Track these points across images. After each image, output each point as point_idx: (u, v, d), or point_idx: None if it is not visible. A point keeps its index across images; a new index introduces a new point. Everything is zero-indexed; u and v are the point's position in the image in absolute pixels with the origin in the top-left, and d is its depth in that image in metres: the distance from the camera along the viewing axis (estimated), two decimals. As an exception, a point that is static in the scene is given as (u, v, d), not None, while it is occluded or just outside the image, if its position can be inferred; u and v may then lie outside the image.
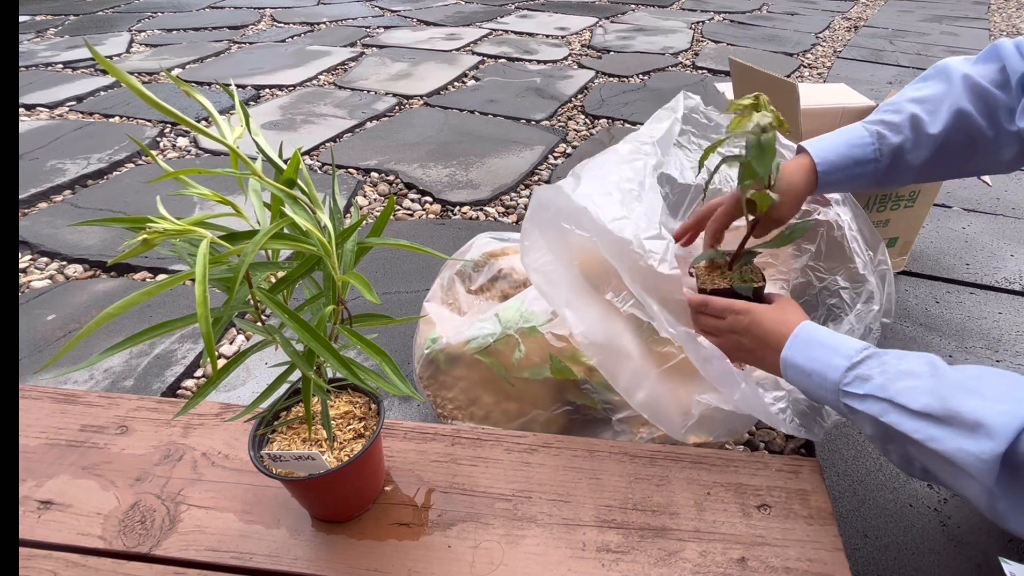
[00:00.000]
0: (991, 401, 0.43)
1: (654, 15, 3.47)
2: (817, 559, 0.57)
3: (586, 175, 0.73)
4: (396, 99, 2.12)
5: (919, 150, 0.65)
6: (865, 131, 0.67)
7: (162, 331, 0.46)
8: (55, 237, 1.30)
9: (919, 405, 0.46)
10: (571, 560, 0.57)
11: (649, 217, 0.68)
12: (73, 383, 0.94)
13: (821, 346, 0.56)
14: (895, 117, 0.66)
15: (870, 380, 0.51)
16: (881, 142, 0.66)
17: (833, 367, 0.53)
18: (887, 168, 0.66)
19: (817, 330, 0.58)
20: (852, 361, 0.53)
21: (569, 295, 0.69)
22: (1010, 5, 4.06)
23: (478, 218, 1.44)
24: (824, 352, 0.55)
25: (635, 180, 0.72)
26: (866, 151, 0.66)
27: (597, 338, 0.67)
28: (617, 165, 0.75)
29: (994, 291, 1.15)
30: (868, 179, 0.67)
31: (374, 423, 0.60)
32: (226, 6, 3.52)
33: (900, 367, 0.50)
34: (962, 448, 0.42)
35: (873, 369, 0.51)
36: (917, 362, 0.50)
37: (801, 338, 0.57)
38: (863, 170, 0.66)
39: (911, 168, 0.67)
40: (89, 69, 2.38)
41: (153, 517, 0.61)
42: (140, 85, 0.40)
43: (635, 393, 0.68)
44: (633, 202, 0.70)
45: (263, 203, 0.50)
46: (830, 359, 0.54)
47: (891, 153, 0.66)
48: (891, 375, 0.50)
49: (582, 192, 0.69)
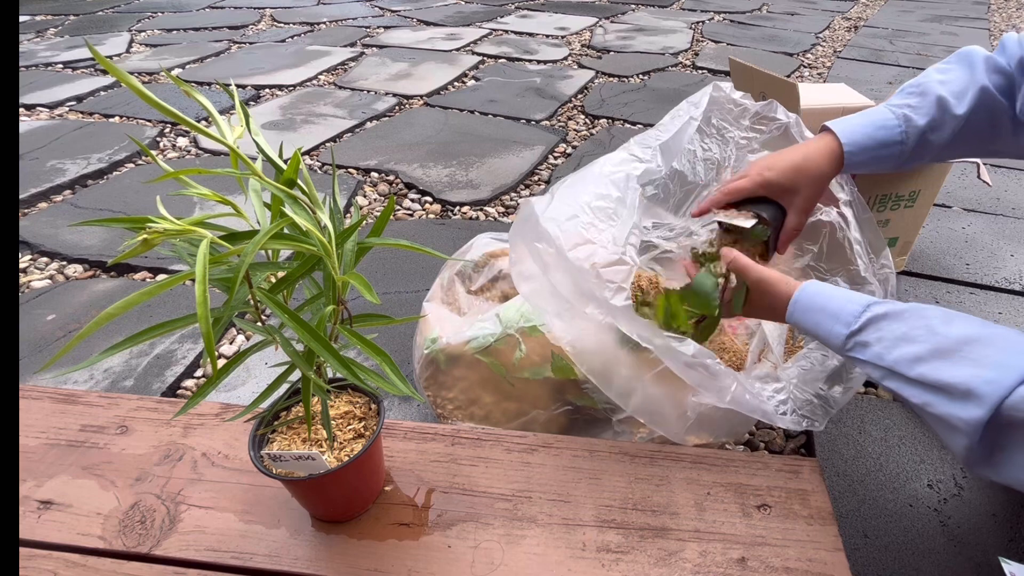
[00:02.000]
0: (981, 368, 0.46)
1: (654, 15, 3.47)
2: (817, 559, 0.57)
3: (559, 193, 0.74)
4: (396, 99, 2.11)
5: (943, 130, 0.66)
6: (891, 113, 0.67)
7: (162, 331, 0.46)
8: (55, 237, 1.30)
9: (915, 374, 0.50)
10: (571, 560, 0.57)
11: (616, 239, 0.68)
12: (73, 383, 0.94)
13: (821, 312, 0.58)
14: (921, 100, 0.67)
15: (869, 347, 0.53)
16: (908, 124, 0.66)
17: (834, 335, 0.56)
18: (912, 149, 0.67)
19: (817, 295, 0.59)
20: (851, 329, 0.55)
21: (556, 305, 0.69)
22: (1010, 5, 4.06)
23: (478, 218, 1.43)
24: (825, 319, 0.57)
25: (612, 196, 0.72)
26: (892, 133, 0.67)
27: (587, 346, 0.67)
28: (596, 180, 0.74)
29: (994, 291, 1.15)
30: (892, 161, 0.68)
31: (374, 423, 0.60)
32: (226, 6, 3.52)
33: (897, 331, 0.52)
34: (952, 413, 0.47)
35: (871, 336, 0.53)
36: (914, 324, 0.52)
37: (801, 303, 0.59)
38: (888, 152, 0.67)
39: (933, 148, 0.68)
40: (89, 69, 2.38)
41: (153, 517, 0.61)
42: (140, 85, 0.40)
43: (630, 398, 0.67)
44: (604, 221, 0.70)
45: (263, 203, 0.50)
46: (831, 327, 0.56)
47: (917, 135, 0.66)
48: (888, 343, 0.52)
49: (549, 215, 0.70)
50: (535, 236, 0.69)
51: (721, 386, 0.63)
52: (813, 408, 0.67)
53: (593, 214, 0.70)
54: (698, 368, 0.63)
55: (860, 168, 0.70)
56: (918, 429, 0.86)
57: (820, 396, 0.68)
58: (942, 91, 0.66)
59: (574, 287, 0.66)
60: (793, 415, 0.66)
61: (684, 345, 0.63)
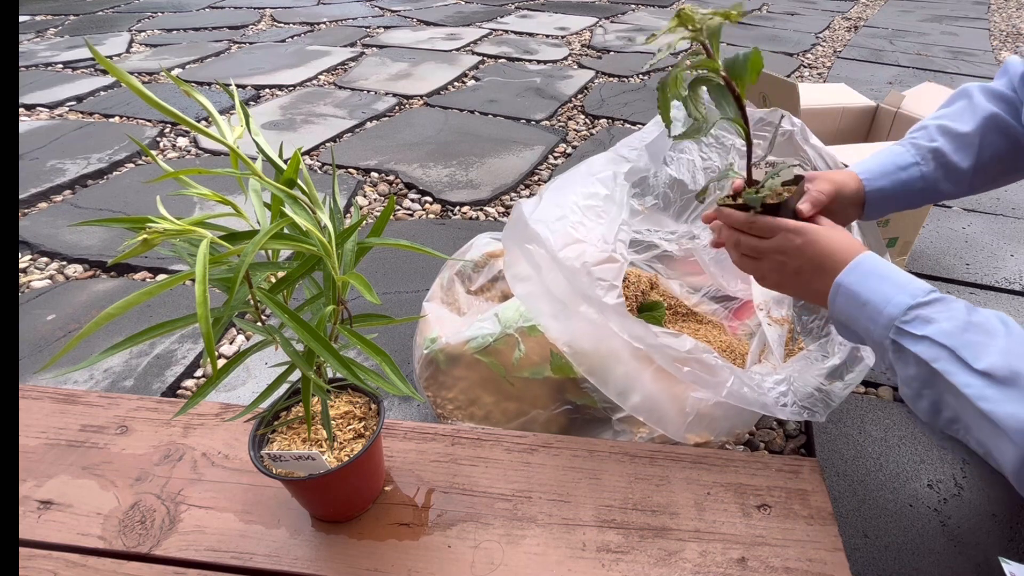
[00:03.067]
0: None
1: (654, 15, 3.47)
2: (817, 559, 0.57)
3: (548, 195, 0.74)
4: (396, 99, 2.11)
5: (960, 152, 0.67)
6: (896, 145, 0.69)
7: (162, 331, 0.46)
8: (55, 237, 1.30)
9: (984, 365, 0.45)
10: (571, 560, 0.57)
11: (606, 237, 0.68)
12: (73, 383, 0.94)
13: (885, 280, 0.53)
14: (922, 131, 0.69)
15: (933, 323, 0.49)
16: (916, 147, 0.67)
17: (894, 303, 0.51)
18: (934, 173, 0.67)
19: (882, 264, 0.55)
20: (918, 300, 0.50)
21: (552, 306, 0.69)
22: (1010, 5, 4.06)
23: (478, 218, 1.44)
24: (888, 287, 0.52)
25: (600, 195, 0.72)
26: (903, 157, 0.67)
27: (584, 346, 0.67)
28: (583, 180, 0.74)
29: (994, 291, 1.15)
30: (918, 185, 0.68)
31: (374, 423, 0.60)
32: (226, 6, 3.52)
33: (970, 318, 0.48)
34: (1013, 414, 0.43)
35: (940, 313, 0.49)
36: (990, 317, 0.48)
37: (864, 267, 0.54)
38: (909, 175, 0.67)
39: (959, 172, 0.67)
40: (89, 69, 2.38)
41: (153, 517, 0.61)
42: (140, 85, 0.40)
43: (629, 397, 0.67)
44: (594, 220, 0.70)
45: (263, 203, 0.50)
46: (893, 295, 0.51)
47: (931, 155, 0.67)
48: (959, 324, 0.48)
49: (538, 216, 0.69)
50: (525, 238, 0.69)
51: (718, 381, 0.63)
52: (814, 400, 0.67)
53: (582, 213, 0.70)
54: (692, 363, 0.63)
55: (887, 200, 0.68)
56: (918, 429, 0.86)
57: (821, 390, 0.67)
58: (941, 121, 0.68)
59: (567, 287, 0.66)
60: (794, 406, 0.66)
61: (679, 341, 0.63)
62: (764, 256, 0.60)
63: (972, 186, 0.70)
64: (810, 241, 0.57)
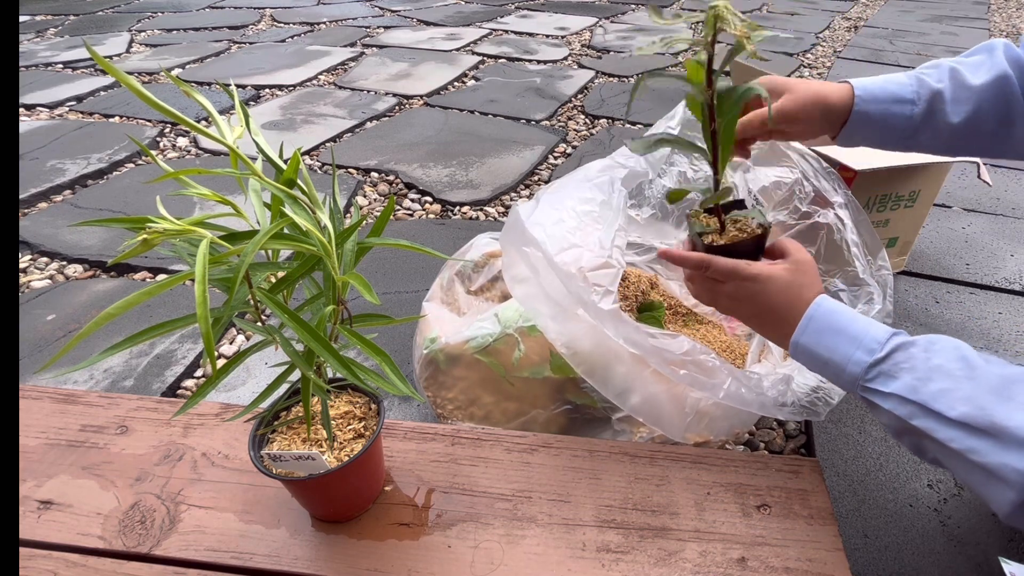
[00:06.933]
0: None
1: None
2: (817, 559, 0.57)
3: (544, 199, 0.74)
4: (396, 99, 2.11)
5: (957, 104, 0.63)
6: (904, 75, 0.65)
7: (162, 331, 0.46)
8: (55, 237, 1.30)
9: (956, 414, 0.44)
10: (571, 560, 0.57)
11: (603, 242, 0.68)
12: (73, 383, 0.94)
13: (840, 334, 0.51)
14: (935, 70, 0.65)
15: (897, 379, 0.47)
16: (920, 85, 0.63)
17: (854, 362, 0.49)
18: (922, 118, 0.64)
19: (834, 313, 0.52)
20: (875, 357, 0.48)
21: (550, 308, 0.69)
22: (1010, 5, 4.06)
23: (478, 218, 1.43)
24: (844, 343, 0.50)
25: (596, 200, 0.72)
26: (904, 89, 0.63)
27: (583, 347, 0.67)
28: (578, 185, 0.74)
29: (994, 291, 1.15)
30: (902, 124, 0.64)
31: (374, 423, 0.60)
32: (226, 6, 3.52)
33: (930, 362, 0.46)
34: (1006, 464, 0.41)
35: (901, 366, 0.47)
36: (949, 357, 0.46)
37: (818, 322, 0.52)
38: (899, 110, 0.63)
39: (941, 127, 0.64)
40: (89, 69, 2.38)
41: (153, 517, 0.61)
42: (139, 86, 0.40)
43: (628, 397, 0.67)
44: (590, 225, 0.69)
45: (263, 203, 0.50)
46: (850, 352, 0.50)
47: (929, 99, 0.63)
48: (921, 373, 0.46)
49: (535, 220, 0.69)
50: (523, 241, 0.69)
51: (715, 383, 0.63)
52: (813, 400, 0.66)
53: (579, 218, 0.70)
54: (689, 366, 0.63)
55: (867, 127, 0.65)
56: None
57: (820, 389, 0.67)
58: (955, 64, 0.64)
59: (564, 290, 0.66)
60: (793, 406, 0.65)
61: (676, 343, 0.63)
62: (719, 301, 0.59)
63: (949, 147, 0.66)
64: (763, 291, 0.55)
